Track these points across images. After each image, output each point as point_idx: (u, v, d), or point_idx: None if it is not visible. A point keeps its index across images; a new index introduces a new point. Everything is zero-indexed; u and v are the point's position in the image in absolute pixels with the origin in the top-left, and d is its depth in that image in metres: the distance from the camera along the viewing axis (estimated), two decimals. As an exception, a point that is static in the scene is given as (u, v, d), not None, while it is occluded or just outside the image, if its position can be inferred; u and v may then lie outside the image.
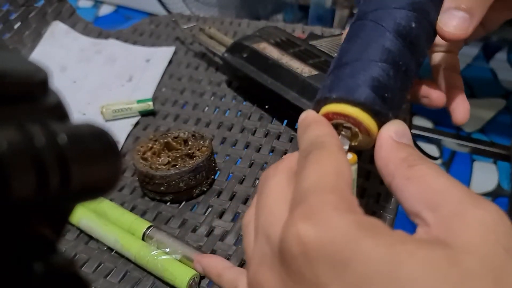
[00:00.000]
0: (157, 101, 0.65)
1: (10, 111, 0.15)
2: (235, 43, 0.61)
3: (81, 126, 0.17)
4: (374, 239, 0.21)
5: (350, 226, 0.21)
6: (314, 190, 0.23)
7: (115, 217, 0.46)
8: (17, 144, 0.14)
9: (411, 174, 0.25)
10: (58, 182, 0.15)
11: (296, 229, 0.22)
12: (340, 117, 0.30)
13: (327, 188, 0.23)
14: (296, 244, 0.22)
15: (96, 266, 0.44)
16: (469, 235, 0.21)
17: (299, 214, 0.23)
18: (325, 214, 0.22)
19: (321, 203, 0.22)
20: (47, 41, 0.76)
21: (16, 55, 0.19)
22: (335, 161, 0.25)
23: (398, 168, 0.25)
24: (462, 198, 0.22)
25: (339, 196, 0.23)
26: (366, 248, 0.20)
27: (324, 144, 0.27)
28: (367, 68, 0.30)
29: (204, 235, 0.46)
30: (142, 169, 0.48)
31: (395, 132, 0.28)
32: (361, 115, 0.29)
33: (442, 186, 0.23)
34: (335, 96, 0.30)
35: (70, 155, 0.15)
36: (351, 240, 0.21)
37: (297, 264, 0.22)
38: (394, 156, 0.26)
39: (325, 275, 0.21)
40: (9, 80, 0.15)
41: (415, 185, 0.24)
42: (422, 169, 0.24)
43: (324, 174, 0.24)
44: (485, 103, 1.32)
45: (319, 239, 0.21)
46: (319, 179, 0.24)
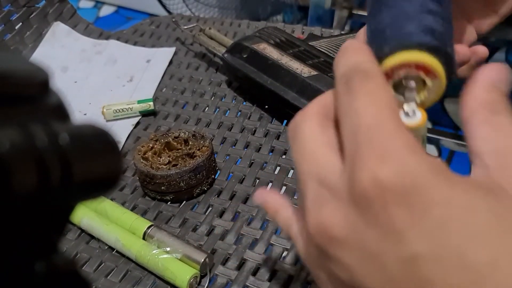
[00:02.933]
0: (158, 101, 0.65)
1: (12, 112, 0.15)
2: (235, 44, 0.61)
3: (82, 126, 0.17)
4: (450, 184, 0.21)
5: (428, 169, 0.21)
6: (378, 128, 0.22)
7: (116, 216, 0.47)
8: (19, 144, 0.14)
9: (491, 119, 0.24)
10: (59, 182, 0.15)
11: (372, 172, 0.21)
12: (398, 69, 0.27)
13: (391, 126, 0.22)
14: (374, 187, 0.21)
15: (97, 265, 0.45)
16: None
17: (372, 156, 0.21)
18: (402, 157, 0.21)
19: (394, 145, 0.21)
20: (48, 42, 0.77)
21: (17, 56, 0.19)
22: (387, 94, 0.24)
23: (481, 108, 0.25)
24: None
25: (406, 136, 0.22)
26: (445, 193, 0.20)
27: (369, 72, 0.25)
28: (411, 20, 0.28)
29: (204, 234, 0.46)
30: (143, 169, 0.48)
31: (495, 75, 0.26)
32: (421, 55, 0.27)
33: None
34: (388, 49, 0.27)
35: (71, 155, 0.15)
36: (432, 185, 0.20)
37: (373, 208, 0.21)
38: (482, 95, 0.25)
39: (403, 221, 0.20)
40: (10, 80, 0.15)
41: (491, 129, 0.24)
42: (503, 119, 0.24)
43: (381, 108, 0.23)
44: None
45: (399, 183, 0.21)
46: (378, 115, 0.23)
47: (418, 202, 0.20)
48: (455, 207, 0.20)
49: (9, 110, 0.15)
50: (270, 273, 0.41)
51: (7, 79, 0.15)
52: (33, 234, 0.16)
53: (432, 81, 0.28)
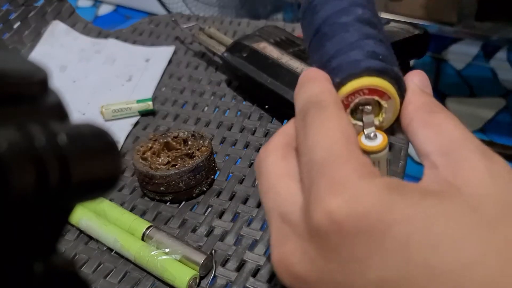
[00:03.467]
0: (157, 100, 0.65)
1: (10, 111, 0.15)
2: (235, 43, 0.61)
3: (81, 126, 0.17)
4: (404, 200, 0.21)
5: (381, 192, 0.21)
6: (329, 159, 0.22)
7: (115, 217, 0.46)
8: (17, 144, 0.14)
9: (430, 119, 0.25)
10: (58, 182, 0.15)
11: (324, 205, 0.21)
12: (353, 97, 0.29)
13: (342, 155, 0.22)
14: (328, 221, 0.21)
15: (96, 266, 0.44)
16: (478, 179, 0.21)
17: (323, 188, 0.22)
18: (352, 184, 0.21)
19: (343, 173, 0.22)
20: (46, 41, 0.76)
21: (15, 55, 0.19)
22: (338, 122, 0.24)
23: (418, 111, 0.26)
24: (473, 147, 0.23)
25: (358, 161, 0.22)
26: (401, 211, 0.20)
27: (322, 103, 0.25)
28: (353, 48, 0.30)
29: (203, 235, 0.46)
30: (141, 169, 0.48)
31: (420, 81, 0.28)
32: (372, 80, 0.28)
33: (457, 135, 0.24)
34: (339, 79, 0.29)
35: (70, 155, 0.15)
36: (385, 206, 0.20)
37: (330, 242, 0.21)
38: (415, 99, 0.27)
39: (364, 249, 0.20)
40: (9, 80, 0.15)
41: (431, 129, 0.24)
42: (441, 117, 0.25)
43: (333, 139, 0.23)
44: (485, 102, 1.32)
45: (353, 212, 0.21)
46: (329, 146, 0.23)
47: (375, 227, 0.20)
48: (412, 222, 0.20)
49: (7, 109, 0.15)
50: (270, 274, 0.41)
51: (5, 79, 0.15)
52: (31, 234, 0.15)
53: (386, 102, 0.29)
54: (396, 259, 0.20)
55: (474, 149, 0.23)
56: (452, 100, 1.33)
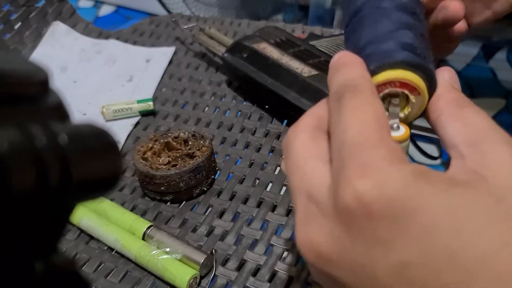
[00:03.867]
0: (157, 101, 0.65)
1: (11, 112, 0.15)
2: (235, 43, 0.61)
3: (81, 126, 0.17)
4: (430, 188, 0.21)
5: (409, 178, 0.21)
6: (360, 143, 0.23)
7: (116, 217, 0.47)
8: (18, 145, 0.14)
9: (459, 113, 0.26)
10: (58, 182, 0.15)
11: (353, 187, 0.22)
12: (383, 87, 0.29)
13: (374, 139, 0.23)
14: (356, 202, 0.21)
15: (96, 265, 0.45)
16: (505, 171, 0.22)
17: (353, 170, 0.22)
18: (381, 169, 0.22)
19: (374, 158, 0.22)
20: (47, 41, 0.76)
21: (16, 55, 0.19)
22: (373, 107, 0.25)
23: (448, 106, 0.27)
24: (500, 138, 0.23)
25: (388, 147, 0.23)
26: (427, 198, 0.21)
27: (358, 87, 0.26)
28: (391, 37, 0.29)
29: (204, 235, 0.46)
30: (142, 169, 0.48)
31: (450, 77, 0.29)
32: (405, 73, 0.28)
33: (484, 127, 0.24)
34: (373, 67, 0.28)
35: (70, 155, 0.15)
36: (412, 192, 0.21)
37: (357, 223, 0.22)
38: (445, 94, 0.27)
39: (388, 232, 0.21)
40: (9, 80, 0.15)
41: (460, 122, 0.25)
42: (469, 111, 0.26)
43: (366, 123, 0.24)
44: (484, 102, 1.32)
45: (380, 196, 0.21)
46: (362, 129, 0.23)
47: (401, 211, 0.21)
48: (437, 209, 0.21)
49: (8, 110, 0.15)
50: (270, 274, 0.41)
51: (6, 79, 0.15)
52: (32, 234, 0.15)
53: (415, 97, 0.29)
54: (418, 244, 0.21)
55: (501, 140, 0.23)
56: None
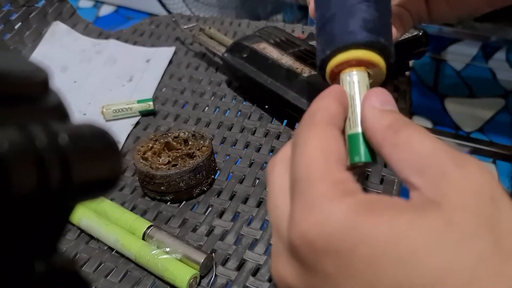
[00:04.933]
0: (158, 101, 0.65)
1: (11, 112, 0.15)
2: (235, 43, 0.61)
3: (81, 126, 0.17)
4: (373, 219, 0.21)
5: (347, 213, 0.21)
6: (306, 179, 0.23)
7: (116, 216, 0.47)
8: (18, 145, 0.14)
9: (397, 140, 0.24)
10: (58, 182, 0.15)
11: (298, 225, 0.22)
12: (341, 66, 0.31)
13: (318, 175, 0.23)
14: (302, 242, 0.22)
15: (96, 265, 0.45)
16: (456, 193, 0.21)
17: (298, 208, 0.23)
18: (323, 206, 0.22)
19: (316, 194, 0.22)
20: (47, 41, 0.76)
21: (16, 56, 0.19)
22: (323, 139, 0.25)
23: (385, 136, 0.25)
24: (445, 159, 0.22)
25: (332, 181, 0.23)
26: (368, 231, 0.21)
27: (315, 119, 0.26)
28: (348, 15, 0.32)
29: (204, 235, 0.46)
30: (142, 169, 0.48)
31: (379, 101, 0.27)
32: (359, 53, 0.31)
33: (427, 149, 0.23)
34: (328, 52, 0.31)
35: (71, 155, 0.15)
36: (352, 226, 0.21)
37: (307, 261, 0.22)
38: (379, 124, 0.26)
39: (334, 268, 0.21)
40: (10, 80, 0.15)
41: (401, 151, 0.24)
42: (407, 134, 0.24)
43: (313, 157, 0.24)
44: (484, 102, 1.32)
45: (321, 233, 0.21)
46: (309, 164, 0.24)
47: (341, 247, 0.21)
48: (380, 240, 0.20)
49: (9, 110, 0.15)
50: (270, 273, 0.41)
51: (6, 79, 0.15)
52: (32, 234, 0.15)
53: (373, 70, 0.32)
54: (364, 278, 0.20)
55: (446, 160, 0.22)
56: (451, 100, 1.33)
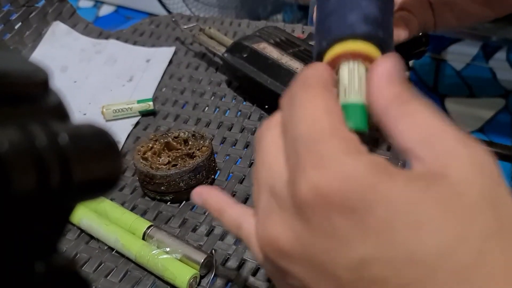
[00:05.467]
0: (157, 101, 0.65)
1: (11, 112, 0.15)
2: (235, 43, 0.61)
3: (81, 126, 0.17)
4: (390, 181, 0.20)
5: (366, 170, 0.21)
6: (314, 136, 0.22)
7: (116, 216, 0.47)
8: (18, 145, 0.14)
9: (404, 110, 0.24)
10: (59, 182, 0.15)
11: (310, 178, 0.21)
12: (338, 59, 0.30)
13: (327, 131, 0.22)
14: (313, 194, 0.21)
15: (96, 265, 0.45)
16: (464, 169, 0.21)
17: (309, 162, 0.22)
18: (338, 159, 0.21)
19: (329, 149, 0.22)
20: (47, 41, 0.76)
21: (16, 56, 0.19)
22: (324, 100, 0.24)
23: (391, 103, 0.24)
24: (455, 137, 0.22)
25: (343, 137, 0.22)
26: (386, 192, 0.20)
27: (310, 82, 0.25)
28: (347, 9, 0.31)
29: (204, 235, 0.46)
30: (142, 169, 0.48)
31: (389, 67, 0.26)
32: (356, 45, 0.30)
33: (436, 124, 0.23)
34: (325, 43, 0.31)
35: (71, 155, 0.15)
36: (371, 184, 0.20)
37: (315, 216, 0.21)
38: (387, 90, 0.25)
39: (347, 226, 0.20)
40: (10, 80, 0.15)
41: (409, 121, 0.23)
42: (416, 106, 0.24)
43: (318, 116, 0.23)
44: (484, 102, 1.32)
45: (338, 187, 0.21)
46: (314, 123, 0.23)
47: (359, 205, 0.20)
48: (397, 203, 0.20)
49: (9, 110, 0.15)
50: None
51: (6, 79, 0.15)
52: (33, 234, 0.16)
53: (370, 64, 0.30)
54: (377, 240, 0.20)
55: (457, 138, 0.22)
56: (452, 100, 1.33)
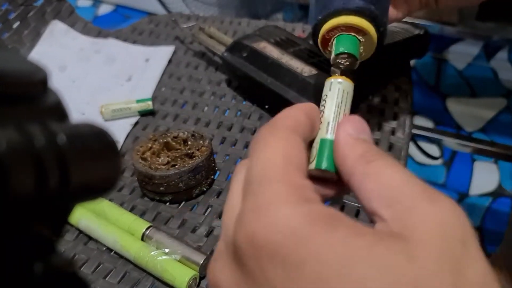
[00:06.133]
0: (157, 100, 0.65)
1: (9, 111, 0.15)
2: (235, 43, 0.61)
3: (80, 126, 0.17)
4: (327, 235, 0.19)
5: (302, 221, 0.20)
6: (262, 180, 0.22)
7: (115, 217, 0.46)
8: (16, 144, 0.14)
9: (368, 170, 0.23)
10: (57, 182, 0.15)
11: (246, 226, 0.21)
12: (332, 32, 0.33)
13: (276, 176, 0.22)
14: (246, 243, 0.21)
15: (95, 266, 0.44)
16: (424, 229, 0.20)
17: (249, 208, 0.21)
18: (274, 209, 0.21)
19: (269, 196, 0.21)
20: (46, 41, 0.76)
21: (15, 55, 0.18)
22: (284, 142, 0.24)
23: (356, 165, 0.24)
24: (417, 193, 0.21)
25: (290, 184, 0.22)
26: (318, 247, 0.19)
27: (277, 124, 0.25)
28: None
29: (203, 236, 0.46)
30: (141, 169, 0.48)
31: (353, 129, 0.26)
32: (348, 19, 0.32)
33: (398, 181, 0.22)
34: (320, 17, 0.33)
35: (69, 155, 0.15)
36: (302, 238, 0.19)
37: (248, 264, 0.21)
38: (352, 152, 0.25)
39: (276, 278, 0.20)
40: (8, 80, 0.15)
41: (372, 181, 0.23)
42: (379, 164, 0.23)
43: (273, 159, 0.23)
44: (486, 102, 1.32)
45: (269, 238, 0.20)
46: (266, 166, 0.23)
47: (290, 258, 0.19)
48: (329, 259, 0.19)
49: (7, 109, 0.15)
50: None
51: (4, 79, 0.15)
52: (31, 234, 0.15)
53: (363, 37, 0.33)
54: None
55: (418, 194, 0.21)
56: (453, 100, 1.33)
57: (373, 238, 0.19)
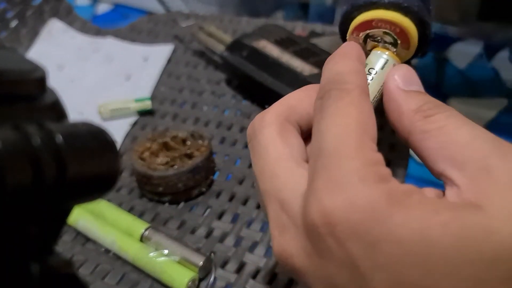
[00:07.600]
0: (156, 100, 0.64)
1: (6, 110, 0.15)
2: (235, 42, 0.61)
3: (78, 125, 0.17)
4: (405, 214, 0.19)
5: (380, 200, 0.19)
6: (336, 152, 0.21)
7: (113, 218, 0.46)
8: (13, 144, 0.14)
9: (428, 126, 0.22)
10: (54, 182, 0.15)
11: (320, 202, 0.20)
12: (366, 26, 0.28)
13: (351, 149, 0.21)
14: (322, 220, 0.20)
15: (93, 267, 0.44)
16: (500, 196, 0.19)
17: (323, 184, 0.20)
18: (352, 187, 0.20)
19: (346, 172, 0.20)
20: (44, 40, 0.76)
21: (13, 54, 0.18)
22: (358, 110, 0.22)
23: (413, 122, 0.23)
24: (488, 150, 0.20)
25: (365, 160, 0.21)
26: (397, 227, 0.19)
27: (348, 86, 0.23)
28: None
29: (203, 237, 0.45)
30: (140, 169, 0.47)
31: (402, 80, 0.24)
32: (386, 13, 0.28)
33: (465, 137, 0.21)
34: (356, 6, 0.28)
35: (66, 154, 0.15)
36: (381, 218, 0.19)
37: (324, 241, 0.20)
38: (406, 108, 0.23)
39: (355, 254, 0.19)
40: (5, 79, 0.15)
41: (434, 139, 0.22)
42: (440, 119, 0.22)
43: (348, 129, 0.21)
44: (487, 102, 1.32)
45: (347, 217, 0.20)
46: (341, 136, 0.21)
47: (367, 237, 0.19)
48: (407, 240, 0.19)
49: (4, 109, 0.15)
50: (270, 276, 0.41)
51: (2, 77, 0.15)
52: (28, 234, 0.15)
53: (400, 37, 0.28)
54: (385, 275, 0.19)
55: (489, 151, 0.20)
56: (454, 100, 1.33)
57: (448, 215, 0.19)
